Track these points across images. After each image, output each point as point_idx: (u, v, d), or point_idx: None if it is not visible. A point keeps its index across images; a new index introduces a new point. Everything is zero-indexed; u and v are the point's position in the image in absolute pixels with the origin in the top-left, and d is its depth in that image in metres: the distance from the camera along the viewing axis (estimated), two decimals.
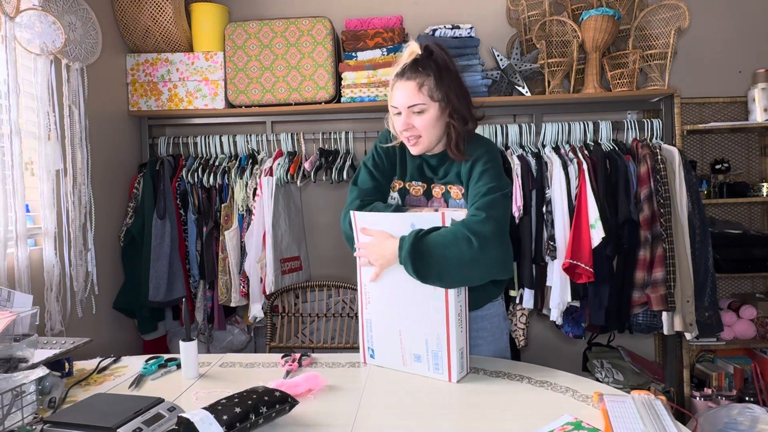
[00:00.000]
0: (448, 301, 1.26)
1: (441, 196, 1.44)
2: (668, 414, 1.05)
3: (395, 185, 1.49)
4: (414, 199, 1.47)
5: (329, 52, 2.48)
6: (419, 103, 1.32)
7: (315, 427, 1.10)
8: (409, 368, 1.35)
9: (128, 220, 2.44)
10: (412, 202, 1.48)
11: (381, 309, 1.38)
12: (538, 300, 2.27)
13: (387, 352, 1.39)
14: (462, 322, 1.30)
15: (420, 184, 1.46)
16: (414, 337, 1.33)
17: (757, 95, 2.44)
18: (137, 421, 0.99)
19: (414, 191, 1.46)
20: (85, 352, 1.59)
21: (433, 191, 1.45)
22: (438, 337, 1.29)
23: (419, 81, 1.30)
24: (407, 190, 1.47)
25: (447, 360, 1.28)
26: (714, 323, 2.24)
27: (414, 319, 1.32)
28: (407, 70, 1.32)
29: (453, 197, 1.42)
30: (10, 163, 1.73)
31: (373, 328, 1.40)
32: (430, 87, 1.31)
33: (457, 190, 1.41)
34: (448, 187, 1.41)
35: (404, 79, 1.32)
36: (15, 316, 1.29)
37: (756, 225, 2.68)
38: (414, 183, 1.46)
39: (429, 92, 1.31)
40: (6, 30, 1.74)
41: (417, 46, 1.34)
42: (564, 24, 2.43)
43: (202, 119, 2.69)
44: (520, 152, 2.34)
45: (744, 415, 2.01)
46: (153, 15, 2.47)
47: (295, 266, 2.55)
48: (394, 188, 1.49)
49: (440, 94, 1.32)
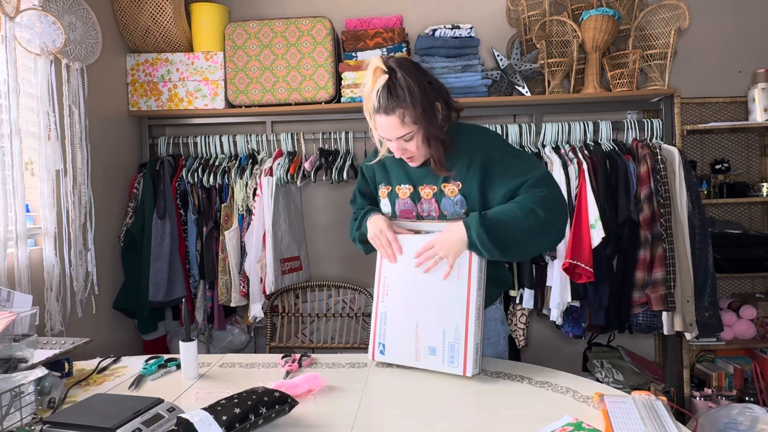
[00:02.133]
0: (469, 294, 1.29)
1: (432, 197, 1.42)
2: (669, 415, 1.05)
3: (383, 192, 1.50)
4: (402, 203, 1.47)
5: (329, 52, 2.48)
6: (406, 134, 1.32)
7: (315, 427, 1.10)
8: (422, 363, 1.35)
9: (128, 220, 2.44)
10: (401, 207, 1.47)
11: (400, 301, 1.39)
12: (538, 300, 2.27)
13: (399, 347, 1.38)
14: (480, 318, 1.31)
15: (407, 186, 1.46)
16: (431, 329, 1.33)
17: (757, 95, 2.44)
18: (137, 422, 0.99)
19: (402, 194, 1.46)
20: (84, 352, 1.59)
21: (422, 193, 1.43)
22: (456, 328, 1.30)
23: (399, 113, 1.29)
24: (396, 193, 1.47)
25: (464, 353, 1.29)
26: (714, 323, 2.24)
27: (433, 310, 1.34)
28: (381, 105, 1.29)
29: (447, 195, 1.40)
30: (10, 163, 1.73)
31: (387, 321, 1.40)
32: (411, 115, 1.29)
33: (453, 187, 1.38)
34: (442, 186, 1.40)
35: (383, 114, 1.30)
36: (15, 316, 1.29)
37: (756, 225, 2.68)
38: (402, 186, 1.46)
39: (411, 120, 1.30)
40: (6, 30, 1.73)
41: (378, 70, 1.30)
42: (564, 24, 2.43)
43: (202, 119, 2.69)
44: None
45: (744, 415, 2.01)
46: (153, 15, 2.47)
47: (295, 266, 2.55)
48: (383, 195, 1.49)
49: (423, 113, 1.31)
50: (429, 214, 1.43)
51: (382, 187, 1.50)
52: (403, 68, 1.29)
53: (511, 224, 1.28)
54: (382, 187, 1.51)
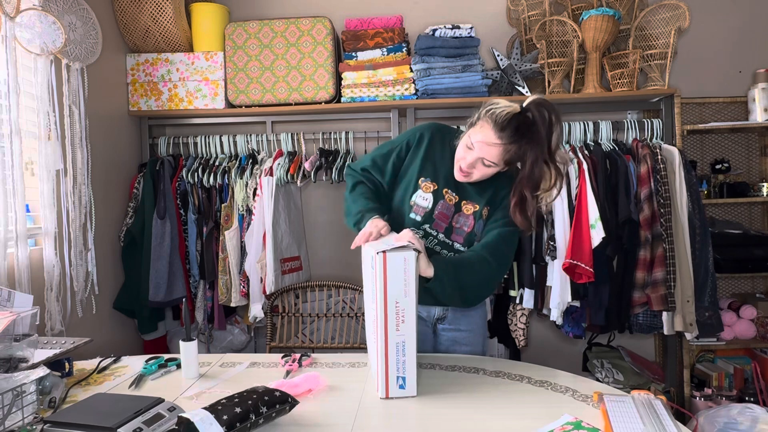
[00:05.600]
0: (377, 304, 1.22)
1: (471, 214, 1.44)
2: (668, 414, 1.05)
3: (428, 186, 1.44)
4: (445, 206, 1.44)
5: (329, 52, 2.48)
6: (493, 165, 1.34)
7: (315, 426, 1.10)
8: None
9: (128, 220, 2.44)
10: (441, 209, 1.44)
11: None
12: (539, 300, 2.27)
13: None
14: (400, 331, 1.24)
15: (454, 195, 1.45)
16: None
17: (757, 95, 2.44)
18: (137, 421, 1.00)
19: (448, 198, 1.45)
20: (85, 352, 1.59)
21: (464, 207, 1.45)
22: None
23: (508, 149, 1.28)
24: (442, 195, 1.44)
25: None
26: (714, 323, 2.24)
27: None
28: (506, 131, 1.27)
29: (483, 217, 1.44)
30: (10, 163, 1.73)
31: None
32: (511, 154, 1.30)
33: (485, 211, 1.44)
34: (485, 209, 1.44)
35: (498, 139, 1.28)
36: (15, 316, 1.29)
37: (756, 225, 2.68)
38: (450, 192, 1.45)
39: (508, 158, 1.31)
40: (6, 30, 1.73)
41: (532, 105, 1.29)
42: (564, 24, 2.43)
43: (202, 119, 2.69)
44: None
45: (744, 415, 2.00)
46: (153, 15, 2.47)
47: (295, 266, 2.55)
48: (427, 189, 1.44)
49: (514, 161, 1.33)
50: (461, 227, 1.44)
51: (427, 181, 1.44)
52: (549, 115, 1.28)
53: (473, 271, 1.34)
54: (427, 181, 1.44)
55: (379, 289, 1.19)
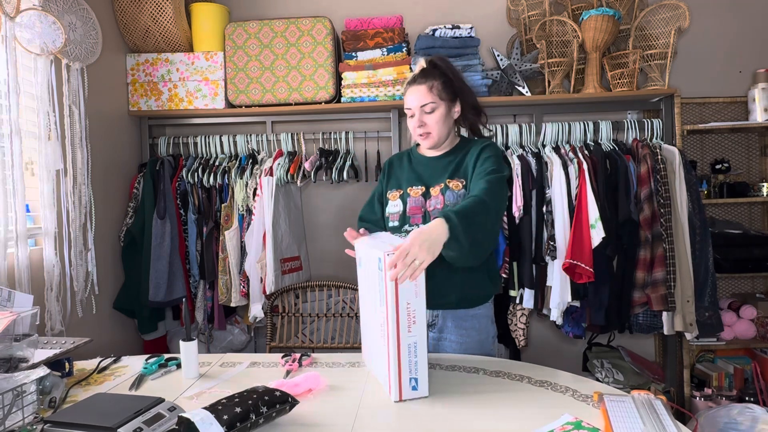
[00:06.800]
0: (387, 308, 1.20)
1: (439, 192, 1.52)
2: (668, 414, 1.05)
3: (394, 195, 1.59)
4: (413, 200, 1.55)
5: (329, 52, 2.48)
6: (429, 102, 1.49)
7: (315, 427, 1.10)
8: None
9: (128, 220, 2.44)
10: (411, 204, 1.55)
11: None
12: (539, 300, 2.27)
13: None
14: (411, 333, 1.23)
15: (419, 187, 1.56)
16: None
17: (757, 95, 2.44)
18: (137, 421, 0.99)
19: (413, 193, 1.56)
20: (85, 352, 1.59)
21: (431, 191, 1.53)
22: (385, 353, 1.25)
23: (428, 84, 1.50)
24: (408, 194, 1.57)
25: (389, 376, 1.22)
26: (714, 323, 2.24)
27: None
28: (417, 77, 1.52)
29: (452, 188, 1.50)
30: (10, 163, 1.73)
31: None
32: (439, 88, 1.49)
33: (457, 182, 1.50)
34: (447, 182, 1.51)
35: (415, 84, 1.51)
36: (15, 316, 1.29)
37: (756, 225, 2.68)
38: (414, 187, 1.57)
39: (438, 93, 1.49)
40: (6, 30, 1.74)
41: (424, 61, 1.55)
42: (564, 24, 2.43)
43: (202, 119, 2.69)
44: (520, 152, 2.34)
45: (744, 415, 2.00)
46: (153, 15, 2.47)
47: (295, 266, 2.55)
48: (394, 198, 1.59)
49: (447, 95, 1.51)
50: (435, 208, 1.50)
51: (393, 191, 1.61)
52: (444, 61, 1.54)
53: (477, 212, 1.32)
54: (393, 191, 1.60)
55: (389, 291, 1.17)
